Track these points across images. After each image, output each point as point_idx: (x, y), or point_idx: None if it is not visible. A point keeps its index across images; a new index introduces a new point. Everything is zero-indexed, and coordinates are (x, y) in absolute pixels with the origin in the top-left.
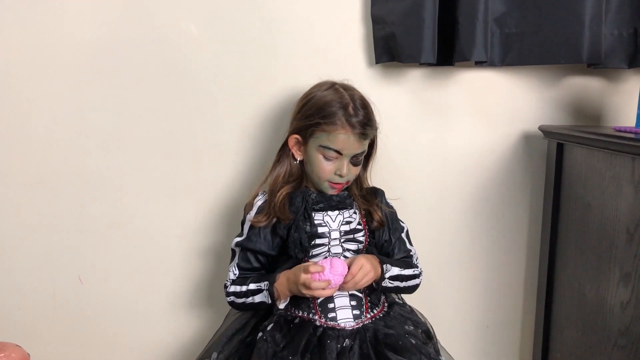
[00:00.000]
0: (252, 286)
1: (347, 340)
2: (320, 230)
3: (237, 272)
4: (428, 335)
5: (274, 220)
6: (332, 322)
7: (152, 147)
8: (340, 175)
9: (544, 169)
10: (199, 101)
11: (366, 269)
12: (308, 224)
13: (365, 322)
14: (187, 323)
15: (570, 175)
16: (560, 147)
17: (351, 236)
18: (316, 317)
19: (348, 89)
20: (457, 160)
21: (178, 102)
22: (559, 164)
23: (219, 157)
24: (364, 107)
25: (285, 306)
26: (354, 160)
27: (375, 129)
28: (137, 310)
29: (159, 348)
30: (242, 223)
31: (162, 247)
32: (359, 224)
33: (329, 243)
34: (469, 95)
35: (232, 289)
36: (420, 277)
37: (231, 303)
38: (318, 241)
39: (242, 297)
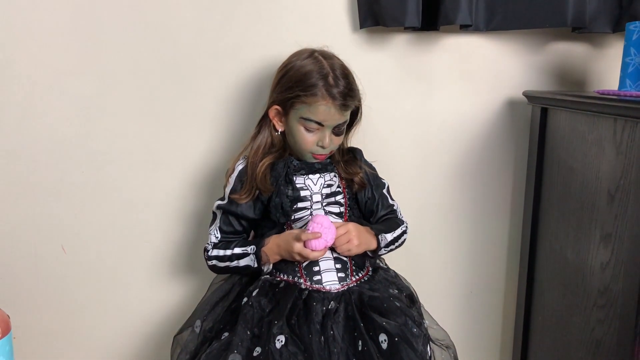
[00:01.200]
0: (237, 250)
1: (332, 302)
2: (302, 193)
3: (219, 235)
4: (412, 300)
5: (256, 192)
6: (317, 285)
7: (132, 112)
8: (323, 147)
9: (528, 135)
10: (180, 66)
11: (350, 236)
12: (290, 187)
13: (351, 285)
14: (171, 291)
15: (553, 140)
16: (544, 112)
17: (332, 199)
18: (301, 280)
19: (328, 57)
20: (441, 126)
21: (158, 67)
22: (542, 129)
23: (200, 123)
24: (345, 76)
25: (270, 270)
26: (336, 131)
27: (358, 99)
28: (120, 278)
29: (143, 316)
30: (225, 187)
31: (144, 215)
32: (338, 186)
33: (311, 206)
34: (453, 61)
35: (215, 252)
36: (407, 231)
37: (212, 267)
38: (300, 204)
39: (225, 261)
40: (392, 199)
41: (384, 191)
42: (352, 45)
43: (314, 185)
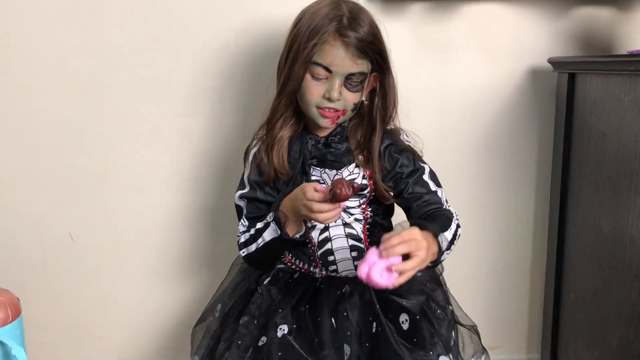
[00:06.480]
0: (259, 225)
1: (347, 286)
2: None
3: (246, 222)
4: (437, 283)
5: (274, 174)
6: (333, 274)
7: (139, 92)
8: (330, 99)
9: (553, 104)
10: (185, 40)
11: (420, 245)
12: (305, 179)
13: None
14: (186, 278)
15: (582, 107)
16: (571, 78)
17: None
18: (316, 269)
19: (349, 3)
20: (461, 99)
21: (163, 42)
22: (570, 96)
23: (212, 101)
24: (363, 19)
25: (285, 258)
26: (349, 85)
27: (379, 50)
28: (132, 267)
29: (159, 306)
30: (242, 174)
31: (155, 200)
32: (364, 177)
33: None
34: (473, 29)
35: (243, 238)
36: (459, 222)
37: (246, 257)
38: None
39: (252, 243)
40: (437, 185)
41: (425, 177)
42: None
43: (330, 181)
